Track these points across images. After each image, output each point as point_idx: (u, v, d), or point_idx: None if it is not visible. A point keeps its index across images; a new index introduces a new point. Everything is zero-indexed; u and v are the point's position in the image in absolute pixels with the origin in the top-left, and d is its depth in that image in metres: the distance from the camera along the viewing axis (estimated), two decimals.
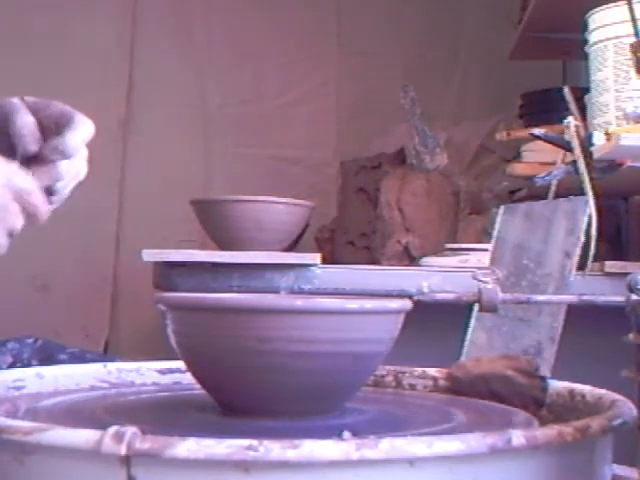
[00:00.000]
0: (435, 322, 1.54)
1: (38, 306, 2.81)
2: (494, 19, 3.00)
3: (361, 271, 1.86)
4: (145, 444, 0.51)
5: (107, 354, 2.82)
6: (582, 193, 1.60)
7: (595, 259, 1.64)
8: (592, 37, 1.85)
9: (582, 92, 1.91)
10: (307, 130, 3.07)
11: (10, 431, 0.54)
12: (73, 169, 0.81)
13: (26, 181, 0.76)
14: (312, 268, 1.84)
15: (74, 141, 0.79)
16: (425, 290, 1.71)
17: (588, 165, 1.69)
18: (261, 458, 0.50)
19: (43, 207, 0.78)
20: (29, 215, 0.78)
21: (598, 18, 1.84)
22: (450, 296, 0.76)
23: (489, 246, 1.02)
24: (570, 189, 1.56)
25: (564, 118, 1.77)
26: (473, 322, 0.93)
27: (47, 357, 1.24)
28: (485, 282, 0.76)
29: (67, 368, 0.87)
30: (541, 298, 0.77)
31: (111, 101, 2.87)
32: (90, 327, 2.89)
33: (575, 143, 1.72)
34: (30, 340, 1.24)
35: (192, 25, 3.04)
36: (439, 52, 3.09)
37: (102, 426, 0.53)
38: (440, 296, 0.76)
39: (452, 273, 1.81)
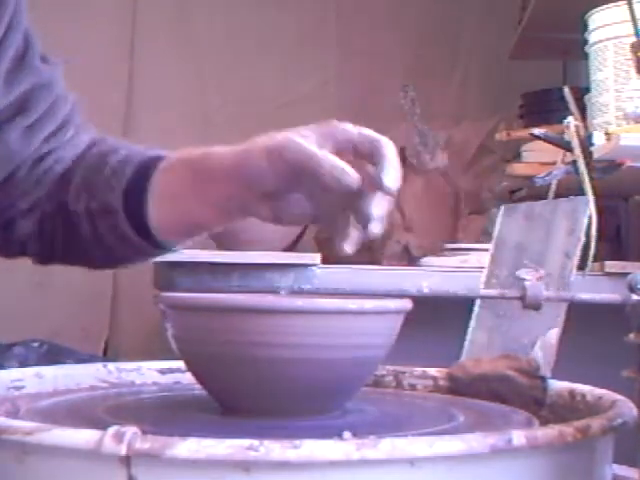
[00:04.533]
0: (435, 322, 1.54)
1: (38, 306, 2.81)
2: (494, 19, 3.00)
3: (361, 271, 1.86)
4: (145, 444, 0.51)
5: (107, 355, 2.82)
6: (582, 193, 1.60)
7: (595, 259, 1.64)
8: (592, 37, 1.86)
9: (582, 92, 1.91)
10: None
11: (10, 431, 0.54)
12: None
13: None
14: (312, 268, 1.84)
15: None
16: (425, 290, 1.71)
17: (588, 165, 1.69)
18: (262, 458, 0.50)
19: None
20: None
21: (598, 18, 1.84)
22: (493, 292, 0.76)
23: (489, 246, 1.01)
24: (570, 189, 1.56)
25: (564, 118, 1.77)
26: (473, 322, 0.93)
27: (53, 362, 1.23)
28: (528, 280, 0.76)
29: (67, 368, 0.87)
30: (584, 297, 0.77)
31: (111, 101, 2.87)
32: (90, 327, 2.89)
33: (575, 143, 1.72)
34: (36, 344, 1.23)
35: (192, 25, 3.03)
36: (439, 52, 3.08)
37: (102, 426, 0.53)
38: (484, 292, 0.76)
39: (452, 273, 1.81)
